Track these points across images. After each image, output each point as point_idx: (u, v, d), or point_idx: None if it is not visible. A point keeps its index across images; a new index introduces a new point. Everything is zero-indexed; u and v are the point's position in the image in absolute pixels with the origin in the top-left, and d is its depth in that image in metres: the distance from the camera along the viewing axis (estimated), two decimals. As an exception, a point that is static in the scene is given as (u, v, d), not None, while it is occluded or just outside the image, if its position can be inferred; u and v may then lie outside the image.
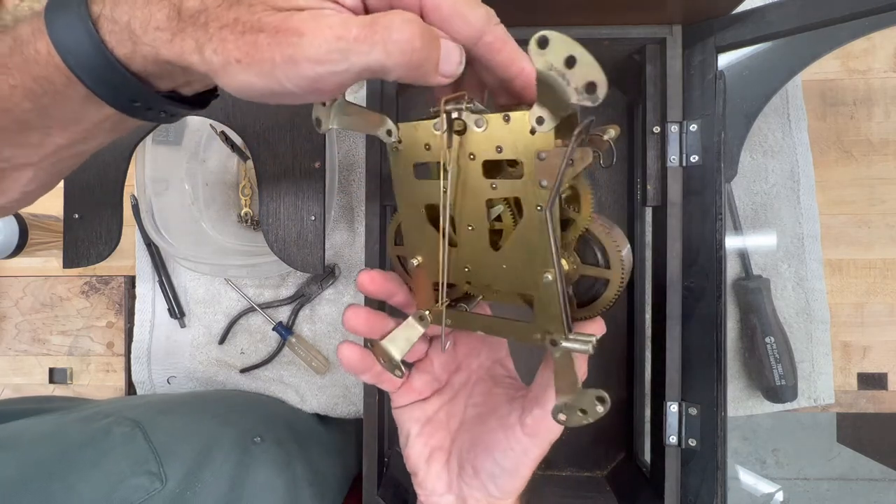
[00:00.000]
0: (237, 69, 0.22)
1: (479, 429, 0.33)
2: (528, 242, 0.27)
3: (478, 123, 0.26)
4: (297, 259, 0.45)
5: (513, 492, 0.32)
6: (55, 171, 0.29)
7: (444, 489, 0.33)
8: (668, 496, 0.43)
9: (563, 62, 0.21)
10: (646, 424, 0.54)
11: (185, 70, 0.23)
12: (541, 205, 0.26)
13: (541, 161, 0.25)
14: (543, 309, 0.28)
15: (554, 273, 0.27)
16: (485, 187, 0.27)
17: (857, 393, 0.59)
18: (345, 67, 0.21)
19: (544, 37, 0.21)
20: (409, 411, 0.35)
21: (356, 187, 0.61)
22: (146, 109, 0.26)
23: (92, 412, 0.43)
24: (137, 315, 0.63)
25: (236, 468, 0.43)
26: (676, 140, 0.44)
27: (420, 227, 0.30)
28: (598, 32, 0.43)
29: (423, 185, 0.29)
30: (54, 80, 0.24)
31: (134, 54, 0.23)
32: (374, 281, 0.31)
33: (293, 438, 0.52)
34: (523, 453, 0.31)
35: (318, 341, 0.61)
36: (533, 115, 0.24)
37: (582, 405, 0.26)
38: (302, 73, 0.22)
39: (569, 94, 0.22)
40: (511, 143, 0.26)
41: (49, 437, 0.38)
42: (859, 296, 0.59)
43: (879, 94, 0.60)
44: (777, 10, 0.41)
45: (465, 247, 0.29)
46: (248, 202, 0.60)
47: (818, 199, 0.59)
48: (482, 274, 0.29)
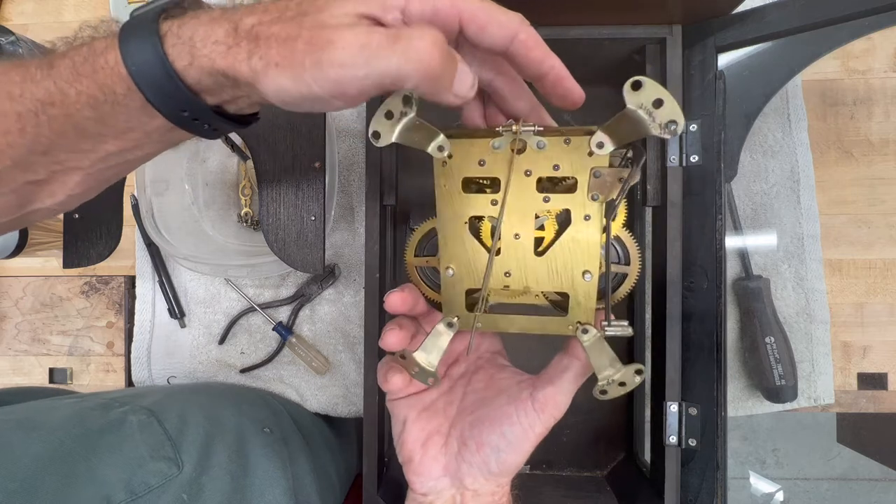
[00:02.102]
0: (275, 73, 0.24)
1: (483, 409, 0.35)
2: (572, 247, 0.31)
3: (539, 144, 0.30)
4: (297, 259, 0.45)
5: (512, 468, 0.34)
6: (102, 177, 0.31)
7: (440, 472, 0.35)
8: (668, 496, 0.43)
9: (651, 103, 0.27)
10: (646, 424, 0.54)
11: (234, 82, 0.26)
12: (590, 214, 0.31)
13: (596, 178, 0.30)
14: (578, 303, 0.32)
15: (595, 273, 0.31)
16: (537, 200, 0.31)
17: (857, 393, 0.59)
18: (366, 72, 0.24)
19: (639, 81, 0.27)
20: (405, 401, 0.37)
21: (356, 187, 0.61)
22: (193, 120, 0.28)
23: (108, 399, 0.43)
24: (137, 315, 0.63)
25: (246, 457, 0.44)
26: (676, 140, 0.44)
27: (459, 238, 0.33)
28: (598, 32, 0.43)
29: (471, 198, 0.32)
30: (116, 90, 0.26)
31: (191, 66, 0.26)
32: (404, 301, 0.34)
33: (298, 434, 0.52)
34: (529, 427, 0.33)
35: (318, 341, 0.61)
36: (595, 140, 0.29)
37: (623, 379, 0.31)
38: (327, 75, 0.24)
39: (652, 128, 0.27)
40: (568, 162, 0.30)
41: (69, 421, 0.39)
42: (859, 296, 0.59)
43: (879, 94, 0.60)
44: (777, 10, 0.41)
45: (508, 252, 0.32)
46: (248, 202, 0.60)
47: (818, 199, 0.59)
48: (523, 277, 0.33)
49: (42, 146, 0.28)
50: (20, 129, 0.27)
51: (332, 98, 0.25)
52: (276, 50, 0.24)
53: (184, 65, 0.26)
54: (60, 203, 0.31)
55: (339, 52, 0.23)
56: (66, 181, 0.30)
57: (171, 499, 0.37)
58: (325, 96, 0.25)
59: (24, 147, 0.27)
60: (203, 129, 0.29)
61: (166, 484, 0.37)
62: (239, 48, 0.25)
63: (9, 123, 0.27)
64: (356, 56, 0.23)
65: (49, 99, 0.26)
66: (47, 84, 0.26)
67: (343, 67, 0.23)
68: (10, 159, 0.28)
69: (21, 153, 0.28)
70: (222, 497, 0.39)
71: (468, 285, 0.33)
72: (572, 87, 0.30)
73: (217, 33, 0.25)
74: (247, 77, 0.25)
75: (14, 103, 0.27)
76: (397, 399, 0.37)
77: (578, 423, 0.56)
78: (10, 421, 0.37)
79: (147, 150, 0.30)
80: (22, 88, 0.27)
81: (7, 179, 0.28)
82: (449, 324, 0.33)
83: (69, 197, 0.31)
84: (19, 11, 0.67)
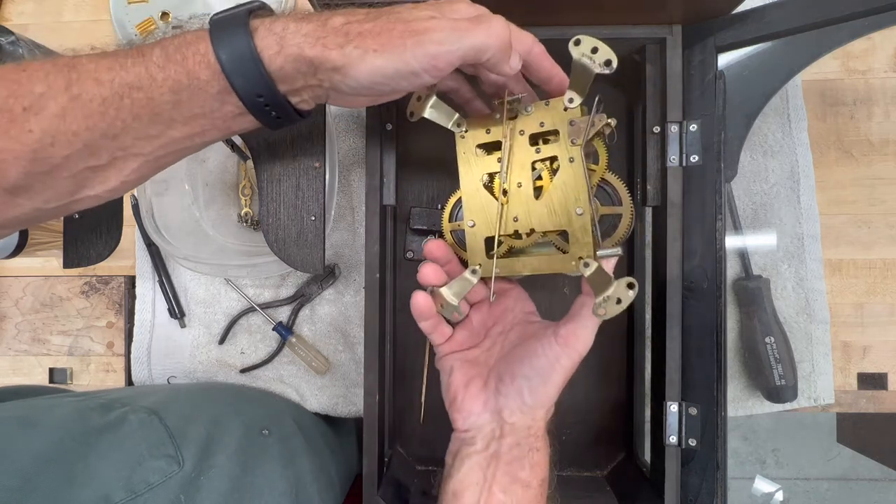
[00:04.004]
0: (373, 56, 0.30)
1: (516, 350, 0.39)
2: (563, 188, 0.37)
3: (526, 109, 0.38)
4: (297, 259, 0.45)
5: (544, 399, 0.37)
6: (157, 164, 0.33)
7: (480, 408, 0.38)
8: (668, 496, 0.43)
9: (590, 50, 0.35)
10: (646, 424, 0.54)
11: (315, 70, 0.30)
12: (573, 156, 0.37)
13: (572, 126, 0.37)
14: (577, 239, 0.37)
15: (585, 207, 0.37)
16: (531, 152, 0.38)
17: (857, 393, 0.59)
18: (458, 46, 0.30)
19: (578, 38, 0.35)
20: (452, 356, 0.41)
21: (356, 187, 0.61)
22: (265, 106, 0.31)
23: (108, 399, 0.43)
24: (137, 315, 0.63)
25: (245, 459, 0.44)
26: (676, 140, 0.44)
27: (477, 195, 0.40)
28: (598, 32, 0.43)
29: (485, 158, 0.40)
30: (200, 75, 0.29)
31: (278, 55, 0.30)
32: (439, 247, 0.40)
33: (299, 434, 0.52)
34: (555, 359, 0.37)
35: (318, 341, 0.61)
36: (566, 97, 0.36)
37: (618, 295, 0.34)
38: (427, 51, 0.30)
39: (594, 68, 0.35)
40: (550, 118, 0.38)
41: (70, 419, 0.39)
42: (859, 296, 0.59)
43: (879, 94, 0.60)
44: (777, 10, 0.41)
45: (514, 200, 0.39)
46: (248, 202, 0.60)
47: (818, 199, 0.59)
48: (528, 220, 0.39)
49: (115, 130, 0.30)
50: (101, 113, 0.29)
51: (424, 72, 0.31)
52: (372, 40, 0.30)
53: (271, 53, 0.30)
54: (111, 190, 0.32)
55: (438, 32, 0.30)
56: (123, 168, 0.32)
57: (169, 497, 0.37)
58: (419, 69, 0.30)
59: (99, 131, 0.29)
60: (270, 116, 0.32)
61: (167, 482, 0.37)
62: (327, 40, 0.29)
63: (92, 107, 0.29)
64: (451, 34, 0.30)
65: (138, 83, 0.29)
66: (138, 69, 0.29)
67: (441, 44, 0.30)
68: (83, 143, 0.29)
69: (94, 137, 0.29)
70: (219, 498, 0.39)
71: (486, 234, 0.39)
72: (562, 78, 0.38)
73: (307, 28, 0.30)
74: (337, 62, 0.30)
75: (102, 88, 0.29)
76: (445, 355, 0.41)
77: (578, 423, 0.56)
78: (11, 419, 0.37)
79: (207, 138, 0.33)
80: (112, 74, 0.29)
81: (72, 163, 0.30)
82: (473, 270, 0.39)
83: (122, 183, 0.32)
84: (19, 11, 0.67)
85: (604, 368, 0.56)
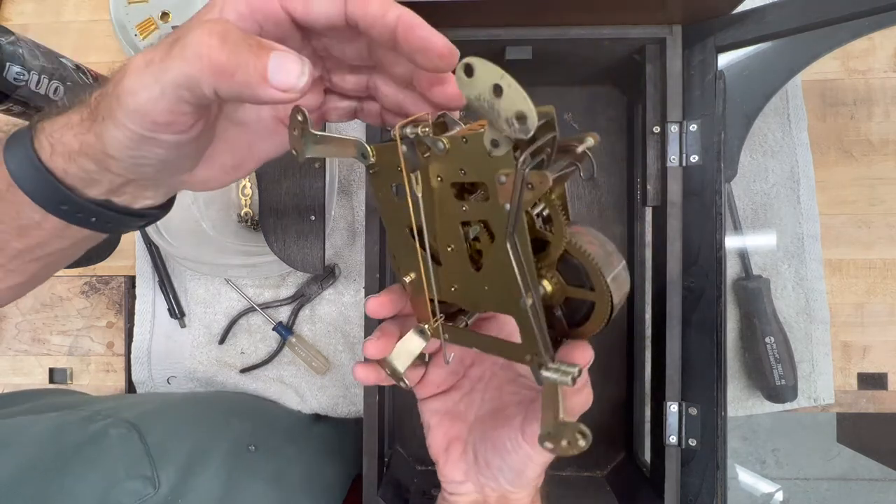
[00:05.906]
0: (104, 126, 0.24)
1: (489, 424, 0.34)
2: (503, 265, 0.26)
3: (437, 145, 0.25)
4: (297, 259, 0.45)
5: (525, 486, 0.33)
6: (28, 272, 0.32)
7: (462, 477, 0.34)
8: (668, 496, 0.43)
9: (490, 91, 0.20)
10: (646, 424, 0.54)
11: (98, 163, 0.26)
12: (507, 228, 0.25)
13: (501, 185, 0.23)
14: (526, 332, 0.26)
15: (527, 296, 0.25)
16: (457, 209, 0.26)
17: (857, 393, 0.59)
18: (159, 89, 0.22)
19: (469, 65, 0.20)
20: (429, 403, 0.36)
21: (356, 187, 0.61)
22: (76, 213, 0.28)
23: (91, 412, 0.43)
24: (137, 315, 0.63)
25: (228, 478, 0.43)
26: (676, 140, 0.44)
27: (408, 246, 0.29)
28: (598, 32, 0.43)
29: (404, 205, 0.28)
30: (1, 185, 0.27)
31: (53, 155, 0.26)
32: (383, 305, 0.32)
33: (290, 444, 0.51)
34: (527, 458, 0.31)
35: (318, 341, 0.61)
36: (487, 139, 0.22)
37: (566, 438, 0.25)
38: (127, 108, 0.23)
39: (498, 125, 0.20)
40: (473, 165, 0.24)
41: (46, 437, 0.38)
42: (859, 296, 0.59)
43: (879, 94, 0.60)
44: (777, 10, 0.41)
45: (449, 266, 0.28)
46: (248, 202, 0.60)
47: (818, 199, 0.59)
48: (468, 294, 0.29)
49: None
50: None
51: (153, 131, 0.24)
52: (103, 105, 0.24)
53: (47, 155, 0.26)
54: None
55: (129, 82, 0.22)
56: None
57: None
58: (144, 132, 0.24)
59: None
60: (90, 222, 0.28)
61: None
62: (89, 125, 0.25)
63: None
64: (141, 78, 0.22)
65: None
66: None
67: (134, 94, 0.22)
68: None
69: None
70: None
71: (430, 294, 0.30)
72: (429, 34, 0.23)
73: (73, 119, 0.25)
74: (94, 144, 0.25)
75: None
76: (423, 400, 0.36)
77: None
78: None
79: (55, 246, 0.30)
80: None
81: None
82: (420, 331, 0.31)
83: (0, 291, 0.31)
84: (19, 11, 0.67)
85: (604, 368, 0.56)
